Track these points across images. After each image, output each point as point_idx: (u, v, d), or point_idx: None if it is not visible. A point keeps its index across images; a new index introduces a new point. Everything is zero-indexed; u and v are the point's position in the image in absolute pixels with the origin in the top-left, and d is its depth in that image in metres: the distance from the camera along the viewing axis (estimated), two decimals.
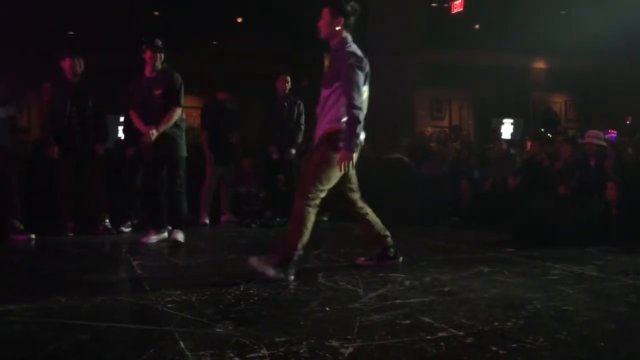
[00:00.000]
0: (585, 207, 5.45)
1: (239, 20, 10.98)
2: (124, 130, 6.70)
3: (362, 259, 4.12)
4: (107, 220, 5.91)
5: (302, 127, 7.09)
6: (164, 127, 5.09)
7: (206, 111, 7.18)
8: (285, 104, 6.94)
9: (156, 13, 10.42)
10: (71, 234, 5.71)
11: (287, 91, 6.99)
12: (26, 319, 2.73)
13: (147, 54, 5.16)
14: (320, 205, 3.70)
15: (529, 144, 7.98)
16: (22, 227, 5.44)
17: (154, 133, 5.05)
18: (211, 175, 6.91)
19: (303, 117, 7.06)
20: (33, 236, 5.41)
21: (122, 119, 6.81)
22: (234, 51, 11.43)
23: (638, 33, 10.68)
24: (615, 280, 3.60)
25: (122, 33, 10.38)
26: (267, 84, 7.26)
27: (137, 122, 5.23)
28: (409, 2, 10.54)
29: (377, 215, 4.11)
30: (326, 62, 13.14)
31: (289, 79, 6.99)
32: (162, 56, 5.24)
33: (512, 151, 8.03)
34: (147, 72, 5.22)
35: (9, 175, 5.42)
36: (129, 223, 6.01)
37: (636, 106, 12.98)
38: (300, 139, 7.11)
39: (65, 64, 5.79)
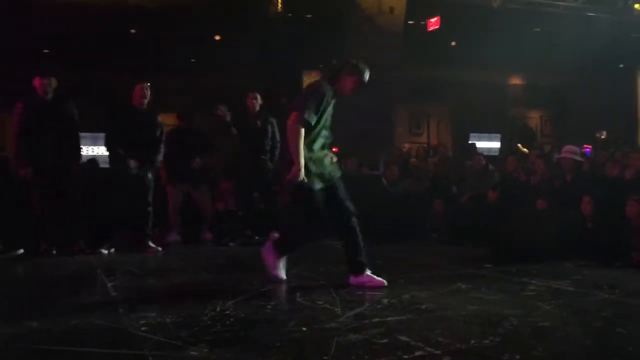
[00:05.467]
0: (561, 221, 5.50)
1: (217, 38, 10.99)
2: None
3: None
4: (82, 241, 5.81)
5: (278, 145, 7.06)
6: None
7: (170, 135, 7.00)
8: (259, 121, 6.91)
9: (133, 31, 10.38)
10: (45, 255, 5.60)
11: (257, 108, 6.96)
12: None
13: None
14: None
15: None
16: None
17: None
18: (171, 194, 6.87)
19: (278, 134, 7.03)
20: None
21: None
22: (212, 69, 11.43)
23: (610, 49, 10.91)
24: (591, 295, 3.62)
25: (100, 52, 10.34)
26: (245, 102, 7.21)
27: None
28: (387, 19, 10.66)
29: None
30: (305, 79, 13.24)
31: (258, 96, 6.97)
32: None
33: (491, 166, 8.09)
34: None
35: None
36: (107, 245, 5.91)
37: (611, 121, 13.21)
38: (277, 157, 7.09)
39: (36, 82, 5.74)
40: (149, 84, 6.04)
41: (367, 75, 4.02)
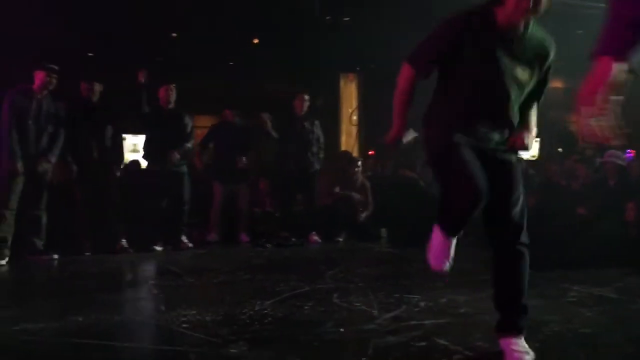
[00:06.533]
0: (604, 227, 5.38)
1: (255, 41, 11.09)
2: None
3: None
4: (124, 240, 5.94)
5: (323, 147, 7.12)
6: None
7: (212, 129, 7.23)
8: (306, 123, 6.96)
9: (174, 35, 10.56)
10: (89, 253, 5.74)
11: (305, 110, 7.01)
12: (42, 339, 2.75)
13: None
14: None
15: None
16: (42, 248, 5.46)
17: None
18: (218, 193, 6.97)
19: (322, 135, 7.10)
20: (56, 256, 5.44)
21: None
22: (250, 71, 11.53)
23: None
24: (634, 302, 3.54)
25: (139, 55, 10.54)
26: (283, 104, 7.27)
27: None
28: None
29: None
30: (341, 81, 13.17)
31: (307, 97, 7.02)
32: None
33: (531, 171, 7.96)
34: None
35: (41, 195, 5.48)
36: (160, 243, 6.07)
37: None
38: (322, 159, 7.13)
39: (82, 86, 5.93)
40: (173, 85, 6.22)
41: None
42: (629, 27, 1.70)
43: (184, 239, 6.24)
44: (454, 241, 2.43)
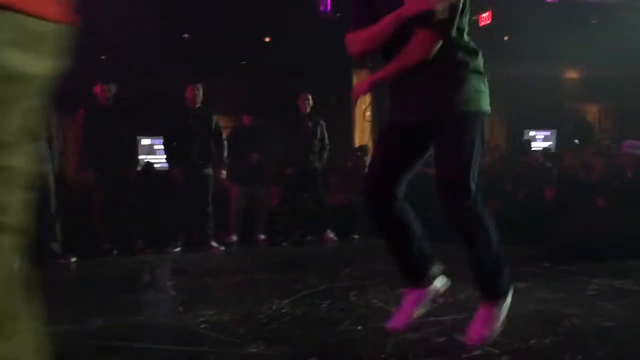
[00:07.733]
0: (622, 219, 5.32)
1: (267, 39, 11.11)
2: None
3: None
4: (141, 241, 5.98)
5: (327, 147, 7.10)
6: None
7: (230, 136, 7.21)
8: (310, 123, 6.96)
9: (185, 36, 10.61)
10: (106, 255, 5.79)
11: (308, 109, 7.01)
12: (63, 341, 2.77)
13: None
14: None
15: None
16: (59, 251, 5.51)
17: None
18: (236, 195, 6.97)
19: (326, 136, 7.08)
20: (74, 259, 5.48)
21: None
22: (262, 70, 11.55)
23: None
24: None
25: (154, 58, 10.60)
26: (294, 102, 7.27)
27: None
28: None
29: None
30: (354, 79, 13.14)
31: (309, 97, 7.03)
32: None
33: (547, 163, 7.90)
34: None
35: (48, 198, 5.52)
36: (173, 244, 6.10)
37: None
38: (325, 159, 7.12)
39: (97, 89, 5.96)
40: (200, 85, 6.24)
41: None
42: None
43: (214, 243, 6.23)
44: None
